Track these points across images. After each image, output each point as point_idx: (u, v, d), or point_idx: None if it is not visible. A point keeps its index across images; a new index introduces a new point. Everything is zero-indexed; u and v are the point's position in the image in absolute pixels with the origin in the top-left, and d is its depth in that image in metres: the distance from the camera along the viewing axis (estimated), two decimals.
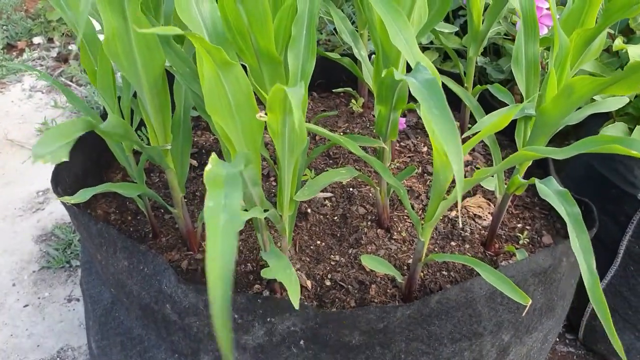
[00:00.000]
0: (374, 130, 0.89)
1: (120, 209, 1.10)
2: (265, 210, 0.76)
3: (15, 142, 2.17)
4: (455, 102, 1.23)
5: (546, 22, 1.11)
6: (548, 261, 0.86)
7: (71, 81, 2.51)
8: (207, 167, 0.56)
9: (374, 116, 1.33)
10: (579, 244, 0.66)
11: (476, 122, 1.03)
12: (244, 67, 0.72)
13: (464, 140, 1.17)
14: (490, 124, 0.64)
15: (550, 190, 0.72)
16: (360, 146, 0.80)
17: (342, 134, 1.27)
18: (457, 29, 1.28)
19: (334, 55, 1.08)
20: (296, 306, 0.67)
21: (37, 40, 2.89)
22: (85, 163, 1.07)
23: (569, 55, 0.74)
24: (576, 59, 0.82)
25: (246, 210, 0.76)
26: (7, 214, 1.84)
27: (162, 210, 1.10)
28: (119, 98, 0.91)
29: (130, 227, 1.06)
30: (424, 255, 0.82)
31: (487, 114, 1.03)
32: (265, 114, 0.67)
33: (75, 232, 1.74)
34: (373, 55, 1.36)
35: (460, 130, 1.23)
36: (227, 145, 0.73)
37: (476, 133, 0.73)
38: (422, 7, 0.77)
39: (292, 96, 0.52)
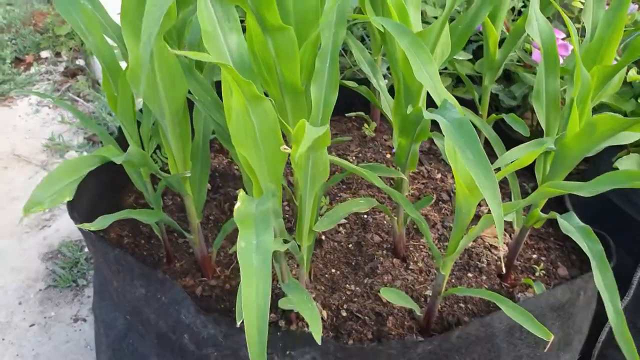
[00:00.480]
0: (393, 160, 0.88)
1: (133, 232, 1.09)
2: (285, 242, 0.76)
3: (22, 157, 2.17)
4: None
5: (562, 52, 1.11)
6: (566, 295, 0.86)
7: (78, 96, 2.52)
8: (237, 206, 0.56)
9: (385, 140, 1.34)
10: (604, 283, 0.66)
11: (491, 148, 1.03)
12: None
13: None
14: (514, 162, 0.64)
15: (572, 226, 0.72)
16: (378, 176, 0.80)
17: (354, 158, 1.27)
18: (471, 56, 1.29)
19: (351, 84, 1.08)
20: (319, 342, 0.67)
21: (44, 54, 2.90)
22: (99, 185, 1.07)
23: (591, 91, 0.74)
24: (596, 93, 0.83)
25: None
26: (14, 230, 1.83)
27: (176, 234, 1.09)
28: (138, 123, 0.91)
29: (144, 251, 1.05)
30: (443, 288, 0.81)
31: (502, 142, 1.04)
32: (290, 146, 0.67)
33: (82, 250, 1.74)
34: (387, 80, 1.37)
35: None
36: (249, 175, 0.73)
37: (498, 169, 0.73)
38: (446, 41, 0.78)
39: (308, 134, 0.52)
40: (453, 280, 0.96)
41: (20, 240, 1.79)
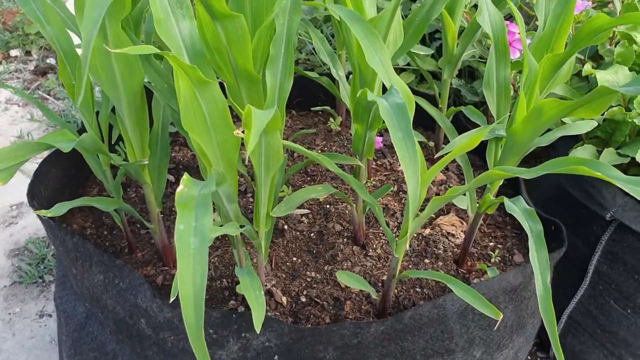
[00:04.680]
0: (351, 149, 0.90)
1: (96, 223, 1.09)
2: (241, 226, 0.77)
3: None
4: (430, 123, 1.25)
5: (518, 46, 1.14)
6: (519, 279, 0.88)
7: (49, 95, 2.50)
8: (179, 189, 0.57)
9: (351, 135, 1.35)
10: (537, 259, 0.68)
11: (449, 141, 1.05)
12: (222, 84, 0.74)
13: (436, 160, 1.19)
14: (461, 144, 0.66)
15: (518, 208, 0.75)
16: (337, 164, 0.82)
17: (320, 151, 1.28)
18: (433, 51, 1.31)
19: (312, 75, 1.10)
20: (257, 330, 0.68)
21: (14, 52, 2.87)
22: (62, 177, 1.07)
23: (538, 79, 0.77)
24: (546, 82, 0.85)
25: (221, 226, 0.77)
26: None
27: (139, 225, 1.10)
28: (97, 113, 0.92)
29: (106, 242, 1.06)
30: (397, 271, 0.83)
31: (460, 134, 1.06)
32: (243, 131, 0.68)
33: (49, 246, 1.73)
34: (351, 76, 1.39)
35: (435, 150, 1.25)
36: (203, 161, 0.74)
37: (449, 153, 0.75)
38: (398, 29, 0.80)
39: (255, 120, 0.53)
40: (410, 267, 0.98)
41: None
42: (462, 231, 1.06)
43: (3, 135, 2.27)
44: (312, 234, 1.05)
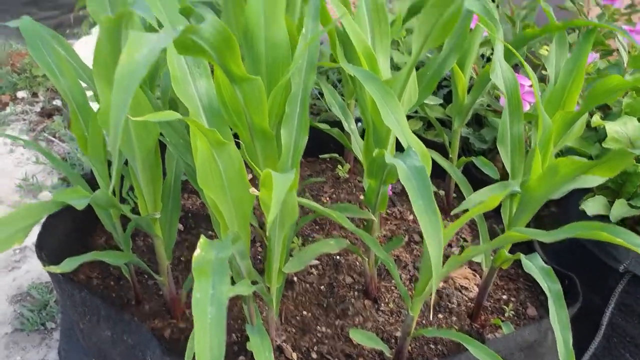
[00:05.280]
0: (363, 201, 0.90)
1: (103, 273, 1.08)
2: (254, 283, 0.76)
3: None
4: (440, 172, 1.25)
5: (528, 99, 1.14)
6: (534, 335, 0.86)
7: (54, 137, 2.51)
8: (196, 253, 0.56)
9: (359, 181, 1.35)
10: (558, 320, 0.68)
11: (460, 190, 1.05)
12: (235, 137, 0.74)
13: (450, 212, 1.18)
14: (478, 205, 0.65)
15: (535, 266, 0.74)
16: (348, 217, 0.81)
17: (328, 199, 1.28)
18: (442, 101, 1.32)
19: (323, 127, 1.10)
20: None
21: (21, 94, 2.90)
22: (70, 227, 1.06)
23: (552, 136, 0.77)
24: (559, 138, 0.85)
25: (233, 281, 0.76)
26: None
27: (146, 276, 1.08)
28: (109, 163, 0.91)
29: (113, 293, 1.04)
30: (412, 329, 0.81)
31: (471, 184, 1.06)
32: (259, 188, 0.68)
33: (52, 292, 1.70)
34: (360, 123, 1.39)
35: (446, 199, 1.25)
36: (217, 216, 0.73)
37: (465, 210, 0.75)
38: (413, 88, 0.80)
39: (276, 187, 0.53)
40: (424, 322, 0.96)
41: None
42: (475, 284, 1.05)
43: (8, 177, 2.27)
44: (322, 286, 1.03)
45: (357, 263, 1.08)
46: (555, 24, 0.94)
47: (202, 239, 0.58)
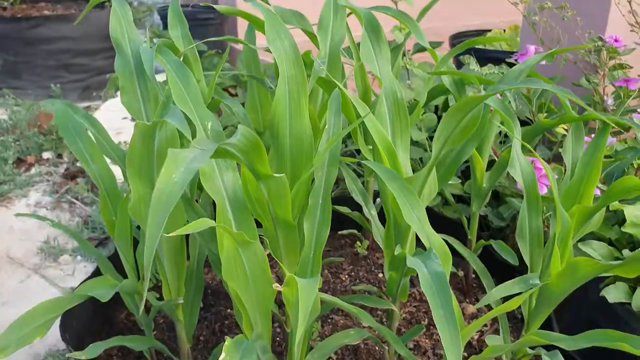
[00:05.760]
0: (385, 291, 0.90)
1: (122, 351, 1.09)
2: None
3: (15, 260, 2.17)
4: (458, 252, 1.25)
5: (545, 182, 1.16)
6: None
7: (77, 199, 2.56)
8: (221, 357, 0.57)
9: (378, 258, 1.36)
10: None
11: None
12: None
13: (472, 299, 1.18)
14: (500, 306, 0.66)
15: None
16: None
17: (347, 276, 1.28)
18: (459, 180, 1.34)
19: (344, 210, 1.12)
20: None
21: (46, 155, 2.98)
22: (93, 303, 1.07)
23: (571, 232, 0.78)
24: (577, 231, 0.86)
25: None
26: None
27: (166, 355, 1.09)
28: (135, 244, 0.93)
29: None
30: None
31: (491, 264, 1.06)
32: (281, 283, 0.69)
33: None
34: (378, 199, 1.41)
35: (466, 280, 1.25)
36: (239, 307, 0.75)
37: (488, 305, 0.75)
38: (433, 181, 0.82)
39: (303, 297, 0.54)
40: None
41: None
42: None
43: (30, 240, 2.30)
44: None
45: (377, 348, 1.07)
46: (570, 115, 0.96)
47: (228, 342, 0.59)
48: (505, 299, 0.76)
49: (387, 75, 0.83)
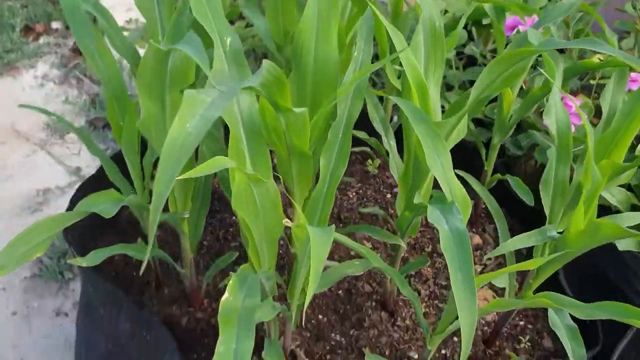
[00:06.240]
0: (395, 226, 0.88)
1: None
2: (277, 300, 0.76)
3: (22, 133, 2.15)
4: (470, 163, 1.20)
5: (575, 121, 1.10)
6: None
7: (85, 76, 2.49)
8: (224, 297, 0.55)
9: (388, 178, 1.33)
10: None
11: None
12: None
13: (479, 230, 1.16)
14: (518, 264, 0.64)
15: (561, 323, 0.73)
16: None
17: (355, 194, 1.26)
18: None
19: (361, 135, 1.07)
20: None
21: (55, 25, 2.87)
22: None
23: (599, 190, 0.74)
24: (604, 187, 0.82)
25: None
26: (5, 209, 1.82)
27: (169, 239, 1.09)
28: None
29: (134, 272, 1.05)
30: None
31: (503, 198, 1.03)
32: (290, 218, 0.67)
33: None
34: (395, 118, 1.35)
35: (475, 210, 1.22)
36: (246, 233, 0.72)
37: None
38: (462, 127, 0.77)
39: (315, 253, 0.52)
40: (440, 346, 0.96)
41: (10, 223, 1.77)
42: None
43: (37, 114, 2.26)
44: (340, 292, 1.03)
45: (377, 272, 1.07)
46: (615, 60, 0.89)
47: (233, 279, 0.57)
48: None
49: (427, 3, 0.76)
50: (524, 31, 0.90)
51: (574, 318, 1.00)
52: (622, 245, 1.09)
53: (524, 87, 1.25)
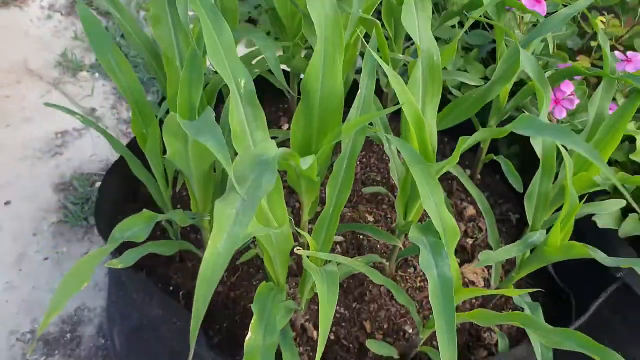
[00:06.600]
0: (395, 227, 0.98)
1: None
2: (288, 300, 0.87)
3: (35, 72, 2.20)
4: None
5: (567, 106, 1.16)
6: (524, 353, 1.00)
7: (91, 6, 2.49)
8: (248, 337, 0.67)
9: None
10: None
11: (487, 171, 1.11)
12: None
13: (473, 201, 1.25)
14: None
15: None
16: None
17: (358, 163, 1.35)
18: (483, 82, 1.33)
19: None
20: None
21: None
22: (121, 189, 1.16)
23: (576, 211, 0.83)
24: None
25: None
26: (26, 154, 1.91)
27: (189, 229, 1.20)
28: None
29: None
30: (420, 345, 0.95)
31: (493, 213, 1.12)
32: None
33: (93, 185, 1.84)
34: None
35: (471, 179, 1.30)
36: (260, 247, 0.83)
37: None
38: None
39: (324, 311, 0.62)
40: (427, 307, 1.09)
41: (32, 166, 1.87)
42: (482, 278, 1.16)
43: (47, 50, 2.29)
44: None
45: (379, 246, 1.18)
46: (606, 73, 0.94)
47: (254, 320, 0.68)
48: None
49: (426, 38, 0.81)
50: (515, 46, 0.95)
51: (554, 289, 1.13)
52: (602, 223, 1.18)
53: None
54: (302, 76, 0.82)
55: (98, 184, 1.84)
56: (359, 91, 0.80)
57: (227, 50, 0.76)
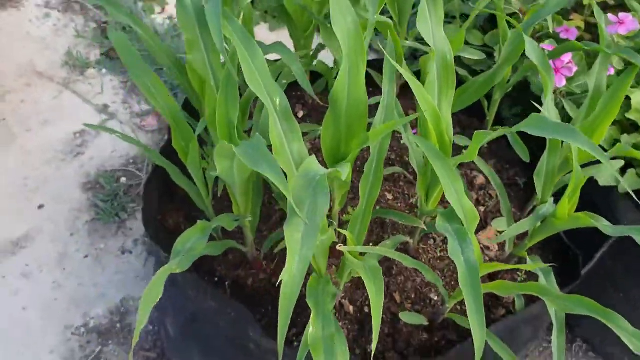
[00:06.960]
0: (415, 206, 1.08)
1: (189, 219, 1.30)
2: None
3: (44, 74, 2.26)
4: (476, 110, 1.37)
5: (565, 73, 1.25)
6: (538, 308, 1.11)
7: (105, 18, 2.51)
8: (310, 331, 0.78)
9: (412, 127, 1.50)
10: (557, 344, 0.91)
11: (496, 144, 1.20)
12: None
13: (484, 187, 1.34)
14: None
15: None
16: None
17: None
18: (484, 56, 1.41)
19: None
20: None
21: None
22: (159, 193, 1.26)
23: (581, 185, 0.93)
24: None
25: None
26: (50, 157, 1.99)
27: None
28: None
29: None
30: (447, 312, 1.06)
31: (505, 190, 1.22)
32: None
33: (118, 181, 1.93)
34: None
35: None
36: None
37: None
38: None
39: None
40: (452, 283, 1.21)
41: (57, 169, 1.96)
42: (497, 243, 1.27)
43: (51, 49, 2.35)
44: (370, 244, 1.26)
45: (401, 225, 1.29)
46: (602, 48, 1.03)
47: (313, 316, 0.79)
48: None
49: (439, 39, 0.89)
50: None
51: (560, 247, 1.24)
52: (602, 180, 1.28)
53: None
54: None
55: (123, 179, 1.93)
56: (382, 98, 0.89)
57: (261, 72, 0.84)
